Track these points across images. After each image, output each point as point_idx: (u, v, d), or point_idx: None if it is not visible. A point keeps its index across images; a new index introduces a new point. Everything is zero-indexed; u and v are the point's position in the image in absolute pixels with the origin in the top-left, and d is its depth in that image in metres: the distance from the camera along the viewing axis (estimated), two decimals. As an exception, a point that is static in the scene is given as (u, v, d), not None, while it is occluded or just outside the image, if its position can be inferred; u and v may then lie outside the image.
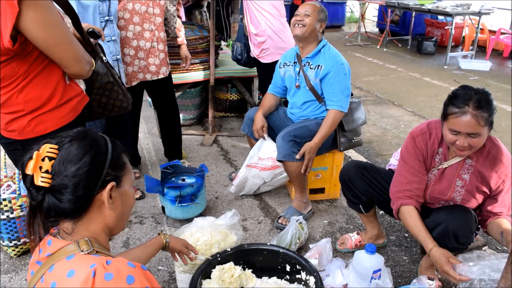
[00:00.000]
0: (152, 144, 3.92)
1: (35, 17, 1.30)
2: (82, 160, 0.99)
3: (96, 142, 1.04)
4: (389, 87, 5.90)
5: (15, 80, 1.43)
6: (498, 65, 7.19)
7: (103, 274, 0.91)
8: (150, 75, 2.93)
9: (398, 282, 2.19)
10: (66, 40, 1.42)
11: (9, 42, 1.29)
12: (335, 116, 2.60)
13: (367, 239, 2.40)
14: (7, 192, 2.32)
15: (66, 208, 0.99)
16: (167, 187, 2.56)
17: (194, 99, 4.25)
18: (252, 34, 3.43)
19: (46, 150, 0.99)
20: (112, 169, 1.05)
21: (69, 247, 1.00)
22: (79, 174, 0.98)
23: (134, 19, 2.76)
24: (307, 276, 1.90)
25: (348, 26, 11.57)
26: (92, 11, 2.37)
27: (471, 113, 1.67)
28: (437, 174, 1.97)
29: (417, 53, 8.06)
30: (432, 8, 7.36)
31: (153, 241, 1.63)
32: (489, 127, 1.75)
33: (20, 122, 1.50)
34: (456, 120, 1.71)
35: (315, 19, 2.63)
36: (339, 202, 2.96)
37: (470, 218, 1.86)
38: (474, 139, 1.72)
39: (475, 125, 1.68)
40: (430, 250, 1.82)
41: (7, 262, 2.33)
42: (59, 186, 0.97)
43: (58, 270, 0.97)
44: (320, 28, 2.67)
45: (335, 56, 2.67)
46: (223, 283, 1.84)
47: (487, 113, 1.69)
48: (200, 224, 2.04)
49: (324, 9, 2.71)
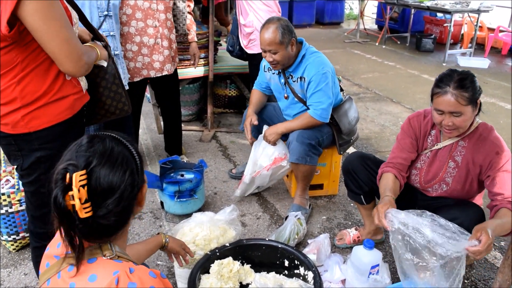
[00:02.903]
0: (151, 140, 3.92)
1: (34, 7, 1.29)
2: (124, 181, 0.96)
3: (124, 154, 1.00)
4: (388, 84, 5.91)
5: (13, 68, 1.41)
6: (496, 63, 7.20)
7: (127, 283, 0.90)
8: (154, 71, 2.93)
9: (396, 277, 2.20)
10: (62, 36, 1.38)
11: (6, 28, 1.28)
12: (310, 121, 2.54)
13: (365, 234, 2.41)
14: (6, 187, 2.31)
15: (114, 228, 0.99)
16: (166, 183, 2.57)
17: (193, 95, 4.25)
18: (241, 24, 3.51)
19: (78, 180, 0.89)
20: (142, 173, 1.06)
21: (91, 249, 0.99)
22: (124, 197, 0.96)
23: (136, 15, 2.75)
24: (306, 271, 1.90)
25: (347, 23, 11.55)
26: (88, 6, 2.36)
27: (451, 93, 1.77)
28: (430, 156, 2.02)
29: (416, 50, 8.06)
30: (431, 6, 7.36)
31: (153, 238, 1.64)
32: (474, 107, 1.81)
33: (14, 116, 1.46)
34: (439, 100, 1.80)
35: (283, 49, 2.44)
36: (338, 198, 2.96)
37: (480, 214, 1.89)
38: (457, 118, 1.80)
39: (456, 104, 1.77)
40: (384, 197, 1.87)
41: (5, 257, 2.33)
42: (107, 213, 0.94)
43: (79, 271, 0.95)
44: (292, 47, 2.48)
45: (317, 65, 2.51)
46: (221, 278, 1.85)
47: (467, 92, 1.76)
48: (199, 219, 2.05)
49: (282, 29, 2.42)
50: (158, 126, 4.03)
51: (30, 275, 2.20)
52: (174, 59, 3.05)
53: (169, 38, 2.93)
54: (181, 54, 3.59)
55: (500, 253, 2.40)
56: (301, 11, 10.33)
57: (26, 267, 2.25)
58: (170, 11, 2.95)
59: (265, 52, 2.50)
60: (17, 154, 1.56)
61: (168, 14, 2.91)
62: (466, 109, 1.78)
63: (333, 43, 8.80)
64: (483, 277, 2.22)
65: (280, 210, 2.82)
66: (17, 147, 1.54)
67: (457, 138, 1.93)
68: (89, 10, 2.38)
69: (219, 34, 4.73)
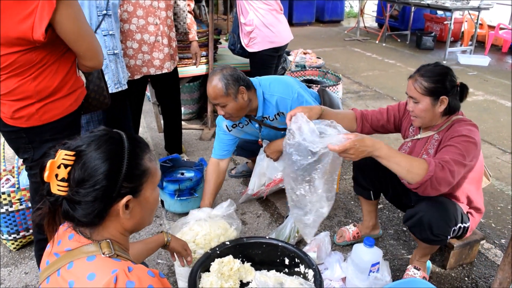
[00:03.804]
0: (151, 138, 3.92)
1: (69, 13, 1.42)
2: (97, 176, 0.95)
3: (113, 153, 0.99)
4: (388, 82, 5.90)
5: (32, 67, 1.50)
6: (497, 60, 7.19)
7: (125, 282, 0.90)
8: (154, 69, 2.93)
9: (396, 275, 2.20)
10: (91, 34, 1.56)
11: (43, 34, 1.39)
12: None
13: (364, 230, 2.44)
14: (6, 186, 2.32)
15: (81, 219, 0.98)
16: (166, 181, 2.57)
17: (193, 93, 4.25)
18: (241, 23, 3.49)
19: (62, 157, 0.94)
20: (129, 182, 1.00)
21: (90, 247, 0.99)
22: (92, 191, 0.95)
23: (137, 12, 2.75)
24: (306, 270, 1.90)
25: (347, 21, 11.54)
26: (87, 5, 2.36)
27: (413, 78, 1.89)
28: (410, 146, 2.07)
29: (416, 48, 8.05)
30: (432, 3, 7.35)
31: (155, 238, 1.63)
32: (434, 100, 1.85)
33: (29, 110, 1.56)
34: (408, 83, 1.93)
35: (231, 101, 2.22)
36: (338, 196, 2.96)
37: (451, 211, 1.89)
38: (417, 106, 1.89)
39: (413, 90, 1.87)
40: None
41: (6, 256, 2.33)
42: (74, 199, 0.95)
43: (78, 269, 0.95)
44: (243, 96, 2.24)
45: (285, 93, 2.34)
46: (222, 276, 1.85)
47: (427, 82, 1.83)
48: (196, 216, 2.04)
49: (226, 80, 2.18)
50: (158, 125, 4.03)
51: (30, 274, 2.20)
52: (173, 57, 3.04)
53: (169, 36, 2.93)
54: (181, 53, 3.59)
55: (501, 250, 2.40)
56: (301, 9, 10.32)
57: (27, 266, 2.26)
58: (171, 9, 2.94)
59: (216, 105, 2.30)
60: (28, 146, 1.66)
61: (169, 12, 2.91)
62: (423, 99, 1.86)
63: (333, 41, 8.79)
64: (483, 275, 2.22)
65: (280, 208, 2.82)
66: (28, 139, 1.64)
67: (433, 132, 1.96)
68: (88, 9, 2.37)
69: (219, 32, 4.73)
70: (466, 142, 1.78)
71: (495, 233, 2.57)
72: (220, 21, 8.63)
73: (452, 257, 2.22)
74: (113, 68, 2.53)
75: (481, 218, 2.13)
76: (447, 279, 2.19)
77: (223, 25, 8.12)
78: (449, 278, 2.20)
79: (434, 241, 1.92)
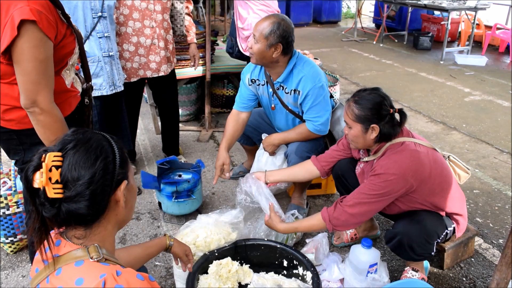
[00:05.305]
0: (148, 140, 3.91)
1: (24, 47, 1.40)
2: (95, 165, 0.96)
3: (101, 144, 1.01)
4: (385, 83, 5.91)
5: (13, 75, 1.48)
6: (494, 60, 7.21)
7: (114, 286, 0.90)
8: (151, 72, 2.93)
9: (394, 276, 2.20)
10: (31, 78, 1.45)
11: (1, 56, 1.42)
12: (308, 135, 2.51)
13: (361, 231, 2.44)
14: (3, 189, 2.31)
15: (86, 214, 0.97)
16: (164, 183, 2.56)
17: (190, 95, 4.25)
18: (239, 28, 3.46)
19: (51, 159, 0.93)
20: (121, 168, 1.03)
21: (78, 252, 0.98)
22: (94, 180, 0.95)
23: (133, 15, 2.75)
24: (304, 271, 1.90)
25: (344, 22, 11.56)
26: (82, 7, 2.35)
27: (348, 103, 1.90)
28: (362, 167, 2.08)
29: (413, 49, 8.06)
30: (428, 3, 7.36)
31: (156, 241, 1.59)
32: (365, 128, 1.85)
33: (20, 112, 1.55)
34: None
35: (264, 45, 2.29)
36: (336, 197, 2.96)
37: (429, 226, 1.88)
38: (350, 130, 1.91)
39: (346, 115, 1.91)
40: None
41: (3, 259, 2.32)
42: (76, 195, 0.94)
43: (66, 275, 0.95)
44: (275, 53, 2.32)
45: (312, 77, 2.39)
46: (220, 278, 1.84)
47: (358, 110, 1.84)
48: (204, 222, 2.03)
49: (276, 28, 2.27)
50: (156, 127, 4.02)
51: (27, 277, 2.19)
52: (170, 60, 3.04)
53: (165, 38, 2.93)
54: (178, 54, 3.59)
55: (499, 250, 2.40)
56: (298, 10, 10.32)
57: (24, 269, 2.25)
58: (167, 12, 2.94)
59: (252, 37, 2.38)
60: (18, 148, 1.66)
61: (165, 15, 2.90)
62: (355, 125, 1.87)
63: (331, 42, 8.80)
64: (481, 275, 2.22)
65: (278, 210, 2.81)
66: (18, 141, 1.64)
67: (374, 156, 1.94)
68: (83, 11, 2.37)
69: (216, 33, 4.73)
70: (381, 183, 1.81)
71: (493, 233, 2.58)
72: (217, 23, 8.63)
73: (447, 258, 2.22)
74: (108, 70, 2.53)
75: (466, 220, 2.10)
76: (445, 279, 2.19)
77: (220, 26, 8.11)
78: (447, 279, 2.20)
79: (419, 259, 1.98)
